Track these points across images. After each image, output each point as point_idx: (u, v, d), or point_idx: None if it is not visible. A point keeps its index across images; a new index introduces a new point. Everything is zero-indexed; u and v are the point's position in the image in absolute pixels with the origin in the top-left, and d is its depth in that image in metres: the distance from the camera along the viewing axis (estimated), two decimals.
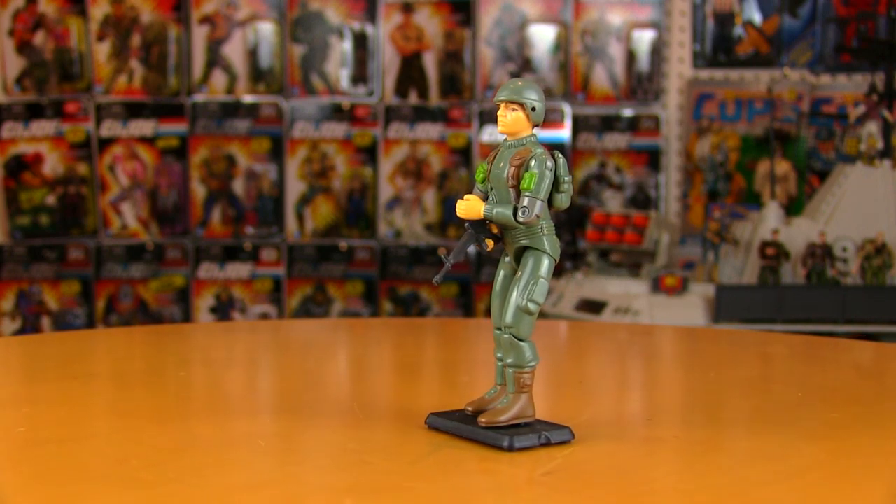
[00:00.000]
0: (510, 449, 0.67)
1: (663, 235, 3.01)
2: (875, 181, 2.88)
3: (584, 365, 1.14)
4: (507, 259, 0.73)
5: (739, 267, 2.97)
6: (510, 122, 0.71)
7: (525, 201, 0.70)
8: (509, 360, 0.70)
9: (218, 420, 0.79)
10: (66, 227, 3.61)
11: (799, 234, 2.89)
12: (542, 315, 2.82)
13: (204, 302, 3.64)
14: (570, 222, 3.60)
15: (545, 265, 0.71)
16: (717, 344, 1.35)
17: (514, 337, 0.70)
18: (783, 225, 2.92)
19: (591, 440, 0.73)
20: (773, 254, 2.83)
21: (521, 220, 0.69)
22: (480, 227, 0.70)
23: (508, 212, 0.70)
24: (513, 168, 0.70)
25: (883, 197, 2.87)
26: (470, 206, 0.69)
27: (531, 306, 0.70)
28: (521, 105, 0.71)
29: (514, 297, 0.70)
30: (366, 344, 1.33)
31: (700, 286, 2.87)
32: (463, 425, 0.68)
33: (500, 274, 0.72)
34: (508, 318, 0.70)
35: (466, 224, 0.70)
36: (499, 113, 0.71)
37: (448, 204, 3.64)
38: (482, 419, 0.69)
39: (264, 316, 3.63)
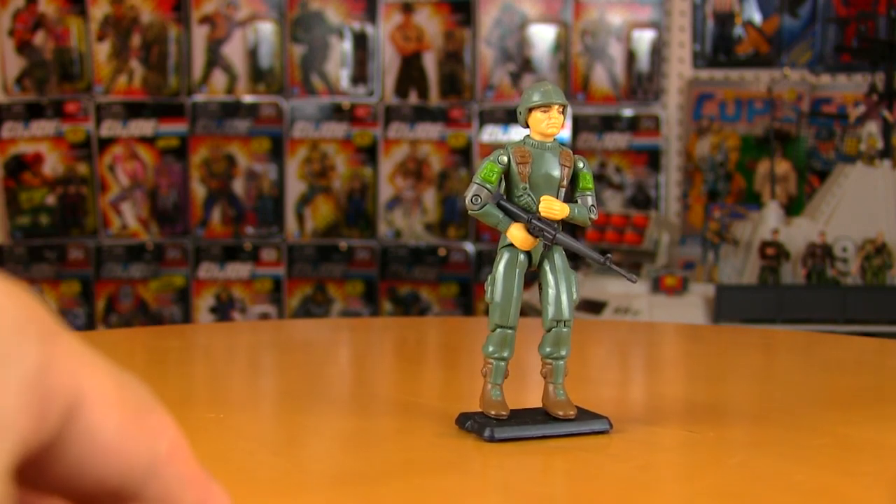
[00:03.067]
0: (609, 431, 0.72)
1: (663, 235, 3.00)
2: (875, 181, 2.88)
3: (586, 362, 1.14)
4: (521, 257, 0.72)
5: (739, 267, 2.97)
6: (561, 124, 0.73)
7: (591, 200, 0.73)
8: (563, 353, 0.72)
9: (213, 424, 0.79)
10: (66, 227, 3.61)
11: (799, 234, 2.88)
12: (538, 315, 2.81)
13: (204, 302, 3.63)
14: (571, 222, 3.59)
15: (567, 259, 0.73)
16: (721, 340, 1.35)
17: (570, 329, 0.73)
18: (783, 225, 2.91)
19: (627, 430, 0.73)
20: (773, 254, 2.83)
21: (594, 217, 0.72)
22: (549, 226, 0.73)
23: (584, 211, 0.72)
24: (566, 169, 0.72)
25: (883, 197, 2.87)
26: (563, 208, 0.71)
27: (577, 299, 0.72)
28: (565, 108, 0.74)
29: (567, 293, 0.72)
30: (368, 342, 1.32)
31: (700, 286, 2.87)
32: (541, 425, 0.71)
33: (517, 274, 0.72)
34: (567, 312, 0.72)
35: (536, 220, 0.71)
36: (550, 114, 0.72)
37: (448, 204, 3.64)
38: (566, 412, 0.71)
39: (264, 316, 3.63)
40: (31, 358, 0.20)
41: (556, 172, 0.72)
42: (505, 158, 0.73)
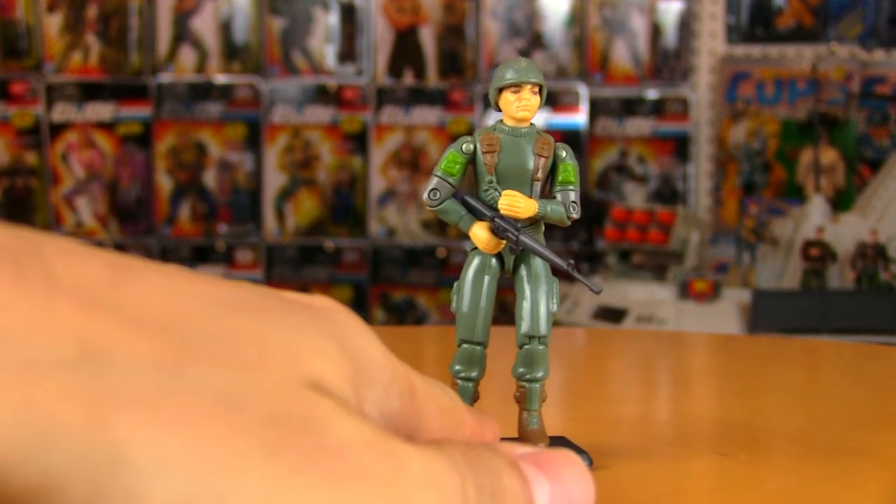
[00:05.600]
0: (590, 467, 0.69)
1: (692, 234, 3.01)
2: None
3: (605, 377, 1.14)
4: (492, 262, 0.71)
5: (779, 270, 2.97)
6: (535, 107, 0.71)
7: (573, 196, 0.71)
8: (539, 374, 0.71)
9: None
10: (12, 224, 3.61)
11: (847, 233, 2.89)
12: (555, 323, 2.82)
13: None
14: (587, 219, 3.60)
15: (548, 265, 0.73)
16: (758, 354, 1.35)
17: (546, 347, 0.71)
18: (829, 222, 2.92)
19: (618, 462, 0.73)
20: (818, 255, 2.83)
21: (574, 216, 0.70)
22: (511, 225, 0.71)
23: (561, 209, 0.70)
24: (542, 159, 0.71)
25: None
26: (529, 205, 0.69)
27: (557, 311, 0.71)
28: (541, 88, 0.72)
29: (545, 304, 0.71)
30: None
31: (734, 291, 2.87)
32: None
33: (486, 281, 0.71)
34: (544, 327, 0.71)
35: (499, 219, 0.71)
36: (521, 95, 0.71)
37: None
38: (538, 444, 0.69)
39: None
40: (394, 408, 0.30)
41: (529, 163, 0.71)
42: (471, 146, 0.72)
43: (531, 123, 0.72)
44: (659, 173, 3.67)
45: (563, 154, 0.72)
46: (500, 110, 0.73)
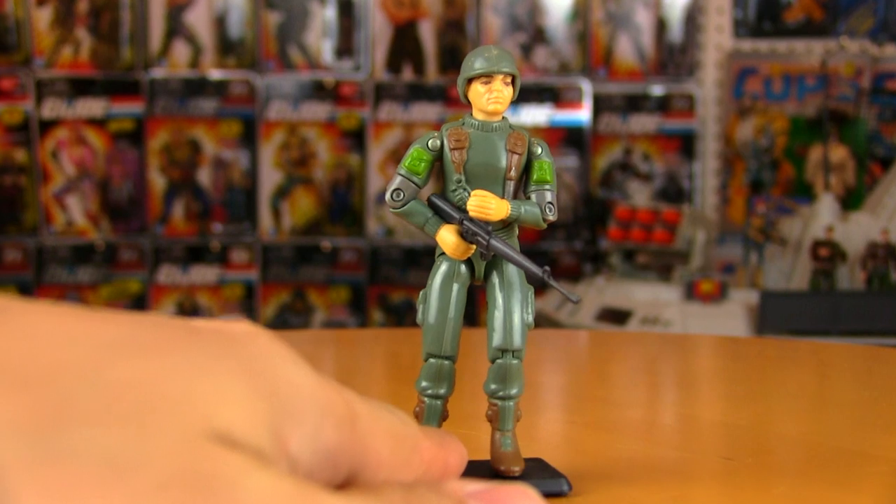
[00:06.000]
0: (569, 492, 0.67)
1: (698, 233, 3.01)
2: None
3: (608, 380, 1.15)
4: (461, 268, 0.67)
5: (787, 270, 2.98)
6: (508, 99, 0.67)
7: (549, 196, 0.67)
8: (513, 391, 0.67)
9: None
10: (0, 223, 3.62)
11: (858, 232, 2.89)
12: (558, 325, 2.82)
13: (164, 310, 3.64)
14: (590, 218, 3.61)
15: (522, 271, 0.69)
16: (766, 356, 1.36)
17: (521, 361, 0.67)
18: (839, 221, 2.92)
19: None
20: (827, 255, 2.84)
21: (550, 219, 0.67)
22: (481, 229, 0.67)
23: (537, 210, 0.66)
24: (516, 156, 0.67)
25: None
26: (500, 206, 0.65)
27: (532, 322, 0.67)
28: (514, 79, 0.67)
29: (519, 315, 0.66)
30: (355, 359, 1.33)
31: (741, 292, 2.87)
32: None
33: (454, 290, 0.67)
34: (518, 340, 0.66)
35: (468, 222, 0.67)
36: (492, 87, 0.66)
37: None
38: (508, 468, 0.66)
39: None
40: (330, 442, 0.27)
41: (502, 160, 0.67)
42: (437, 142, 0.68)
43: (503, 117, 0.69)
44: (664, 171, 3.67)
45: (539, 150, 0.68)
46: (469, 103, 0.69)
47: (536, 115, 3.64)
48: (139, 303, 3.62)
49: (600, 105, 3.65)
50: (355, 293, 3.67)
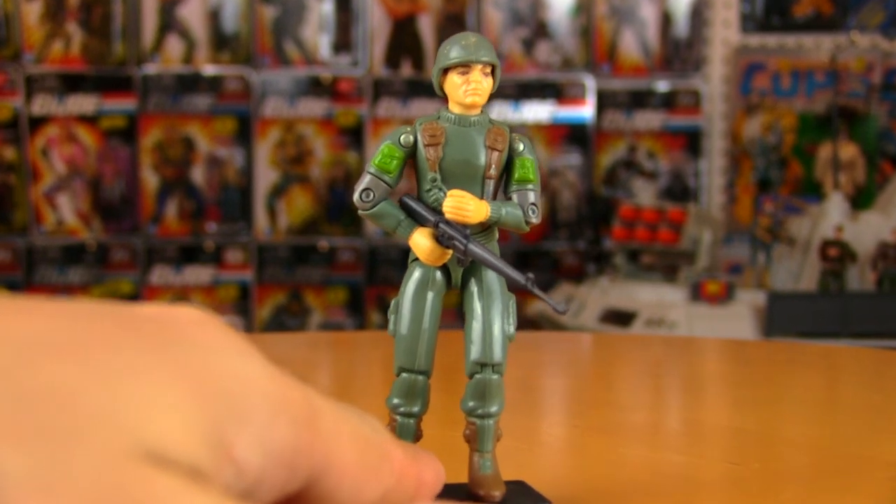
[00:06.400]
0: None
1: (704, 233, 3.01)
2: None
3: (612, 384, 1.15)
4: (437, 275, 0.64)
5: (796, 271, 2.98)
6: (487, 91, 0.64)
7: (532, 197, 0.63)
8: (493, 409, 0.63)
9: None
10: None
11: (868, 232, 2.89)
12: (560, 328, 2.82)
13: None
14: (594, 218, 3.61)
15: (503, 279, 0.66)
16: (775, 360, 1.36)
17: (501, 376, 0.63)
18: (849, 220, 2.92)
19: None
20: (837, 255, 2.84)
21: (533, 222, 0.63)
22: (458, 232, 0.64)
23: (519, 212, 0.63)
24: (496, 153, 0.63)
25: None
26: (479, 208, 0.61)
27: (514, 334, 0.66)
28: (494, 69, 0.64)
29: (500, 326, 0.62)
30: (353, 362, 1.33)
31: (748, 294, 2.88)
32: None
33: (429, 298, 0.64)
34: (498, 353, 0.62)
35: (444, 225, 0.64)
36: (470, 77, 0.63)
37: None
38: (488, 493, 0.65)
39: None
40: (285, 441, 0.25)
41: (480, 158, 0.63)
42: (410, 138, 0.65)
43: (482, 110, 0.66)
44: (669, 169, 3.67)
45: (521, 147, 0.65)
46: (444, 96, 0.66)
47: (539, 111, 3.64)
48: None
49: (604, 101, 3.65)
50: (353, 294, 3.67)
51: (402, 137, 0.65)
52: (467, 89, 0.65)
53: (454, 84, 0.65)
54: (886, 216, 2.91)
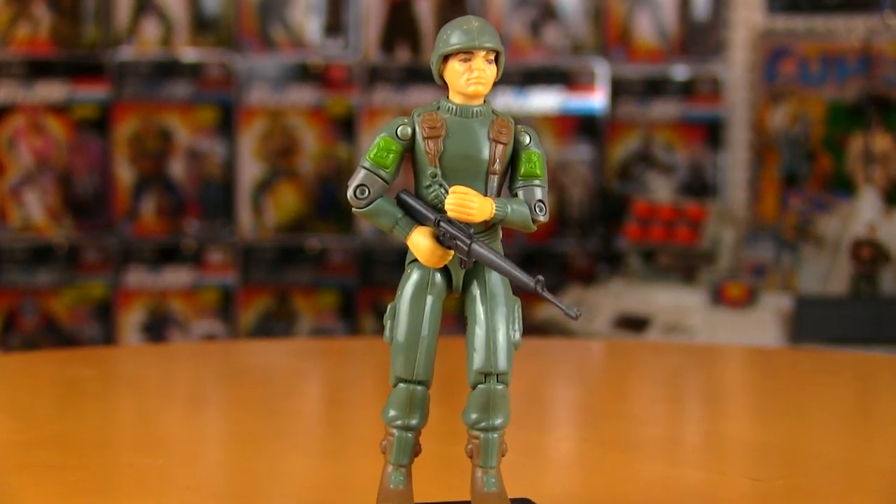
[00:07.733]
0: None
1: (725, 232, 3.01)
2: None
3: (626, 395, 1.15)
4: (436, 277, 0.64)
5: (824, 273, 2.98)
6: (491, 79, 0.64)
7: (539, 193, 0.64)
8: (497, 422, 0.63)
9: (148, 472, 0.80)
10: None
11: None
12: (570, 334, 2.82)
13: (132, 318, 3.64)
14: (606, 215, 3.61)
15: (508, 281, 0.65)
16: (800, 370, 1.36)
17: (507, 386, 0.63)
18: (882, 218, 2.92)
19: None
20: (869, 256, 2.84)
21: (541, 220, 0.64)
22: (461, 231, 0.64)
23: (525, 210, 0.63)
24: (500, 146, 0.63)
25: None
26: (483, 205, 0.62)
27: (520, 341, 0.66)
28: (498, 56, 0.65)
29: (504, 332, 0.63)
30: (344, 370, 1.34)
31: (773, 297, 2.88)
32: None
33: (428, 303, 0.64)
34: (503, 362, 0.62)
35: (446, 223, 0.64)
36: (473, 65, 0.63)
37: None
38: None
39: (210, 336, 3.64)
40: None
41: (484, 151, 0.63)
42: (408, 130, 0.65)
43: (485, 100, 0.66)
44: (688, 163, 3.67)
45: (527, 140, 0.65)
46: (444, 85, 0.67)
47: (546, 100, 3.64)
48: (104, 309, 3.62)
49: (617, 89, 3.65)
50: (345, 298, 3.67)
51: (399, 129, 0.65)
52: (469, 78, 0.65)
53: (455, 72, 0.66)
54: None
